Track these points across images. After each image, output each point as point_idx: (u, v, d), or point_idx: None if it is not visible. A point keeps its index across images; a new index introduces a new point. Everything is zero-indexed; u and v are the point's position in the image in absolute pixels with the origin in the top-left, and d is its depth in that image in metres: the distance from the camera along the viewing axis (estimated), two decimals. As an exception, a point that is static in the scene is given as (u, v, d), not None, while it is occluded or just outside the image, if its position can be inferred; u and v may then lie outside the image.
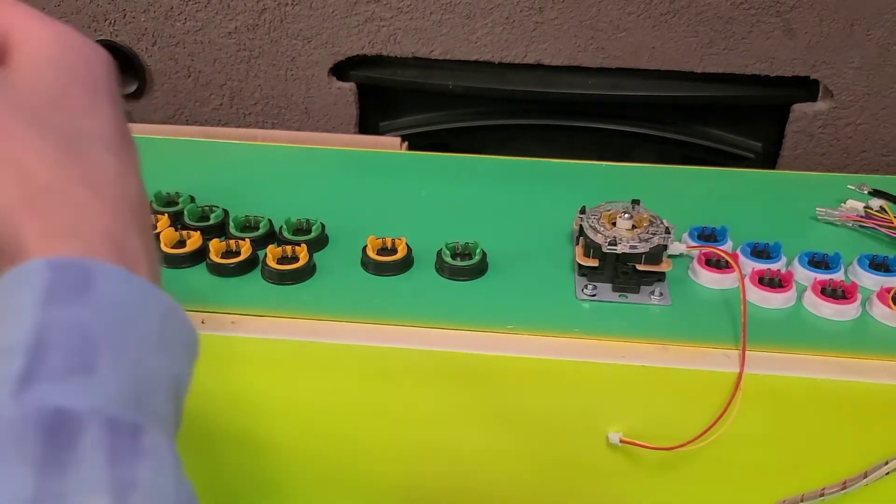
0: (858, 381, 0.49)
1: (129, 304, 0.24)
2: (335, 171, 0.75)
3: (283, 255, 0.57)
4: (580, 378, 0.51)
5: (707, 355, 0.50)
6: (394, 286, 0.57)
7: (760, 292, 0.54)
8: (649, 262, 0.54)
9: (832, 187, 0.69)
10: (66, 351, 0.22)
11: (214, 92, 1.02)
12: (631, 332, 0.52)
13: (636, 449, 0.52)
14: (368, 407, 0.54)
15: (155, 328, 0.24)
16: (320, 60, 0.97)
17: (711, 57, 0.91)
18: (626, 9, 0.89)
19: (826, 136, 0.95)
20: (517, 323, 0.53)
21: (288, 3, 0.94)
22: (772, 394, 0.50)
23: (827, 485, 0.52)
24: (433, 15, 0.92)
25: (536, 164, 0.75)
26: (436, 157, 0.78)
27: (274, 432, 0.56)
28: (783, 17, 0.88)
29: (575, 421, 0.53)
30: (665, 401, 0.51)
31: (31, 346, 0.21)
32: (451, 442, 0.55)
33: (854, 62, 0.89)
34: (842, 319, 0.53)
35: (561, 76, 0.96)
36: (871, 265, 0.57)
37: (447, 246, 0.58)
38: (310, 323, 0.53)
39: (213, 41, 0.98)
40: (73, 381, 0.21)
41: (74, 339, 0.22)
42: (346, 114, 1.01)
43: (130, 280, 0.24)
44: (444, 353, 0.51)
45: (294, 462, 0.57)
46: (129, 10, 0.97)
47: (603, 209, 0.57)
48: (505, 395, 0.52)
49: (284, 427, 0.55)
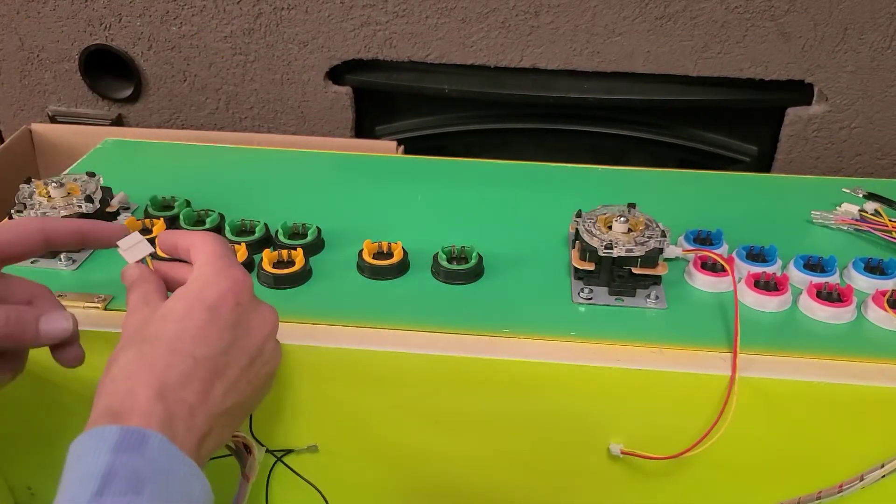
0: (854, 384, 0.49)
1: (166, 461, 0.36)
2: (331, 174, 0.75)
3: (278, 259, 0.57)
4: (576, 381, 0.51)
5: (703, 359, 0.50)
6: (390, 290, 0.57)
7: (756, 295, 0.54)
8: (645, 266, 0.54)
9: (827, 190, 0.70)
10: (125, 481, 0.34)
11: (210, 96, 1.02)
12: (627, 335, 0.52)
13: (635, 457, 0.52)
14: (364, 411, 0.54)
15: (170, 474, 0.36)
16: (316, 65, 0.97)
17: (706, 61, 0.91)
18: (622, 13, 0.90)
19: (821, 139, 0.95)
20: (513, 326, 0.53)
21: (284, 8, 0.94)
22: (768, 397, 0.50)
23: (823, 488, 0.52)
24: (429, 19, 0.92)
25: (532, 168, 0.75)
26: (432, 160, 0.78)
27: (270, 435, 0.55)
28: (777, 21, 0.88)
29: (571, 424, 0.53)
30: (662, 404, 0.51)
31: (104, 476, 0.34)
32: (449, 446, 0.55)
33: (848, 66, 0.90)
34: (837, 322, 0.53)
35: (556, 80, 0.96)
36: (866, 268, 0.57)
37: (443, 249, 0.58)
38: (306, 327, 0.53)
39: (208, 45, 0.98)
40: (127, 499, 0.33)
41: (131, 475, 0.34)
42: (342, 118, 1.01)
43: (167, 447, 0.36)
44: (440, 356, 0.51)
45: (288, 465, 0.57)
46: (124, 15, 0.97)
47: (599, 213, 0.58)
48: (501, 398, 0.52)
49: (280, 431, 0.55)
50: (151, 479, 0.34)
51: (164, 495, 0.34)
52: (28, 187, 0.60)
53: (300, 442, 0.55)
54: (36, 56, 1.03)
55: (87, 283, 0.57)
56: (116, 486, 0.33)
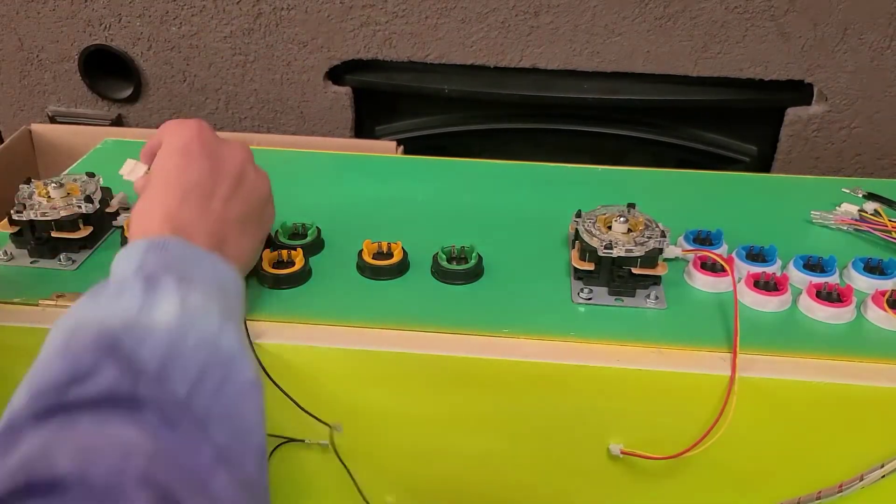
0: (854, 384, 0.49)
1: (189, 253, 0.44)
2: (331, 175, 0.75)
3: (278, 259, 0.57)
4: (576, 381, 0.51)
5: (703, 359, 0.50)
6: (390, 290, 0.57)
7: (756, 296, 0.54)
8: (645, 266, 0.54)
9: (827, 191, 0.70)
10: (155, 266, 0.42)
11: (210, 96, 1.02)
12: (627, 335, 0.52)
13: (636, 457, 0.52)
14: (364, 411, 0.54)
15: (195, 262, 0.44)
16: (316, 65, 0.97)
17: (706, 61, 0.91)
18: (621, 13, 0.90)
19: (820, 139, 0.95)
20: (513, 327, 0.53)
21: (283, 8, 0.94)
22: (768, 397, 0.50)
23: (823, 488, 0.52)
24: (429, 19, 0.92)
25: (532, 168, 0.75)
26: (431, 160, 0.78)
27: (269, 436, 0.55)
28: (777, 21, 0.88)
29: (571, 424, 0.53)
30: (661, 404, 0.51)
31: (138, 267, 0.42)
32: (448, 446, 0.55)
33: (848, 66, 0.90)
34: (837, 322, 0.53)
35: (556, 80, 0.96)
36: (865, 268, 0.57)
37: (443, 250, 0.58)
38: (306, 327, 0.53)
39: (208, 46, 0.98)
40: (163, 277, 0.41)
41: (159, 264, 0.42)
42: (342, 118, 1.01)
43: (187, 248, 0.45)
44: (440, 356, 0.51)
45: (286, 465, 0.57)
46: (124, 15, 0.97)
47: (599, 213, 0.58)
48: (501, 398, 0.52)
49: (279, 431, 0.55)
50: (177, 266, 0.42)
51: (190, 275, 0.42)
52: (28, 187, 0.60)
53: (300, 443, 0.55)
54: (35, 56, 1.03)
55: (87, 283, 0.56)
56: (147, 269, 0.42)
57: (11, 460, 0.31)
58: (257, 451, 0.38)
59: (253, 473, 0.37)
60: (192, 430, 0.35)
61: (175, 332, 0.38)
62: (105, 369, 0.35)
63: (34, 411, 0.33)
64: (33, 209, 0.58)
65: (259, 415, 0.39)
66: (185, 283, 0.40)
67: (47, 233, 0.59)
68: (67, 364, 0.35)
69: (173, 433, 0.34)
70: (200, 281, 0.42)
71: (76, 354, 0.36)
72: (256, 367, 0.41)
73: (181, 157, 0.49)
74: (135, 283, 0.40)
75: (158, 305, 0.39)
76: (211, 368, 0.38)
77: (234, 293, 0.45)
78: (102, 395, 0.34)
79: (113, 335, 0.37)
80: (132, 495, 0.30)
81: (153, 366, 0.36)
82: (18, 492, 0.29)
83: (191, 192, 0.48)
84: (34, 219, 0.58)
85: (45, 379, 0.35)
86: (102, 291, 0.40)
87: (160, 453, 0.33)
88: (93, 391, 0.34)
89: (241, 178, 0.51)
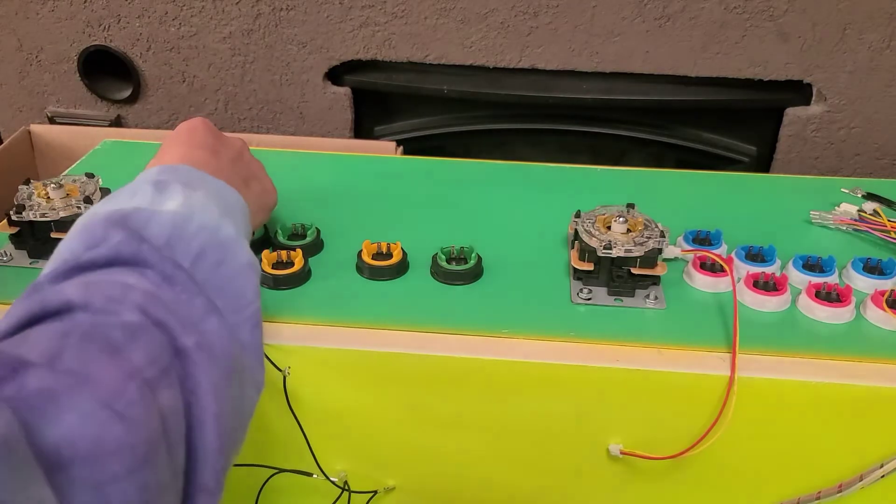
0: (853, 383, 0.49)
1: (196, 174, 0.48)
2: (330, 175, 0.75)
3: (278, 259, 0.57)
4: (575, 382, 0.51)
5: (702, 359, 0.50)
6: (389, 291, 0.57)
7: (755, 296, 0.54)
8: (644, 266, 0.55)
9: (826, 191, 0.70)
10: (165, 177, 0.46)
11: (209, 97, 1.02)
12: (626, 335, 0.52)
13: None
14: (362, 411, 0.54)
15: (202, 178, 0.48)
16: (315, 65, 0.97)
17: (705, 61, 0.91)
18: (621, 13, 0.90)
19: (820, 139, 0.95)
20: (512, 327, 0.53)
21: (283, 9, 0.94)
22: (767, 397, 0.50)
23: (823, 487, 0.52)
24: (428, 20, 0.92)
25: (531, 168, 0.75)
26: (431, 161, 0.78)
27: (269, 436, 0.55)
28: (776, 21, 0.88)
29: (571, 424, 0.53)
30: (661, 405, 0.51)
31: (154, 177, 0.46)
32: (448, 446, 0.55)
33: (847, 66, 0.90)
34: (836, 322, 0.53)
35: (555, 80, 0.96)
36: (864, 268, 0.57)
37: (442, 250, 0.58)
38: (305, 328, 0.53)
39: (207, 46, 0.98)
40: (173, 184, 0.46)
41: (169, 176, 0.47)
42: (342, 118, 1.01)
43: (196, 171, 0.49)
44: (440, 357, 0.51)
45: (288, 465, 0.57)
46: (123, 16, 0.97)
47: (598, 213, 0.58)
48: (501, 398, 0.52)
49: (279, 430, 0.55)
50: (185, 179, 0.46)
51: (195, 185, 0.46)
52: (27, 188, 0.60)
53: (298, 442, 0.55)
54: (35, 57, 1.03)
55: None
56: (158, 179, 0.46)
57: (32, 303, 0.36)
58: (251, 321, 0.44)
59: (246, 339, 0.43)
60: (191, 288, 0.40)
61: (179, 217, 0.43)
62: (114, 236, 0.41)
63: (54, 274, 0.39)
64: (32, 210, 0.58)
65: (254, 292, 0.45)
66: (190, 188, 0.46)
67: (47, 234, 0.59)
68: (82, 238, 0.42)
69: (172, 289, 0.40)
70: (204, 189, 0.47)
71: (90, 230, 0.42)
72: (251, 253, 0.46)
73: (186, 133, 0.54)
74: (146, 186, 0.45)
75: (165, 201, 0.44)
76: (210, 248, 0.43)
77: (238, 208, 0.49)
78: (111, 255, 0.40)
79: (123, 214, 0.42)
80: (127, 316, 0.36)
81: (159, 241, 0.42)
82: (34, 318, 0.36)
83: (199, 148, 0.52)
84: (33, 219, 0.58)
85: (63, 251, 0.42)
86: (117, 193, 0.45)
87: (158, 296, 0.38)
88: (103, 252, 0.40)
89: (240, 152, 0.56)
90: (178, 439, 0.36)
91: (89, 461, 0.31)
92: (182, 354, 0.37)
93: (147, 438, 0.33)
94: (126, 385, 0.33)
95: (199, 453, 0.37)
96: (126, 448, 0.32)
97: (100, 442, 0.31)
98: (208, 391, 0.37)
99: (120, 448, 0.31)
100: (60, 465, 0.30)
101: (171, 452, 0.35)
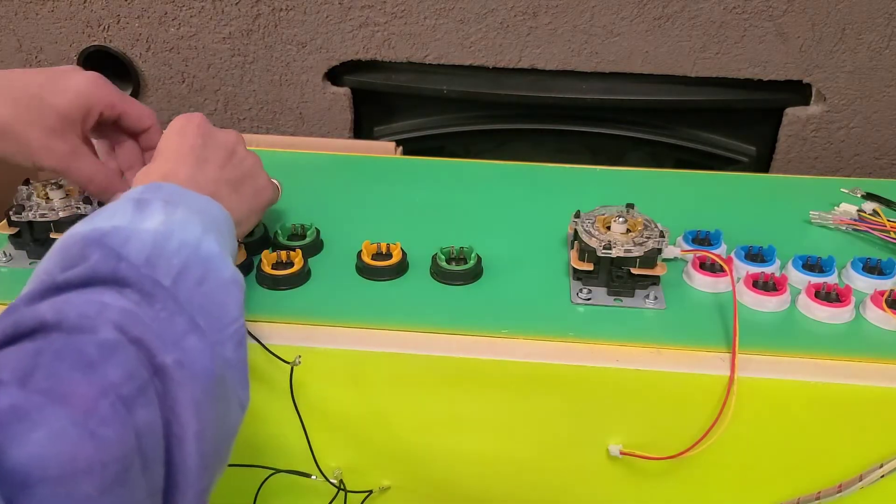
0: (853, 384, 0.49)
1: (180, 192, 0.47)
2: (330, 176, 0.75)
3: (278, 260, 0.57)
4: (575, 382, 0.51)
5: (702, 359, 0.50)
6: (389, 291, 0.57)
7: (755, 296, 0.54)
8: (644, 266, 0.55)
9: (826, 191, 0.70)
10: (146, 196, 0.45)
11: (209, 97, 1.02)
12: (626, 335, 0.52)
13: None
14: (363, 411, 0.54)
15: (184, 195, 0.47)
16: (315, 65, 0.97)
17: (705, 61, 0.91)
18: (620, 13, 0.90)
19: (819, 139, 0.95)
20: (512, 327, 0.53)
21: (282, 9, 0.94)
22: (767, 397, 0.50)
23: (823, 488, 0.52)
24: (427, 20, 0.92)
25: (531, 169, 0.75)
26: (430, 161, 0.79)
27: (269, 437, 0.55)
28: (776, 21, 0.88)
29: (571, 424, 0.53)
30: (661, 405, 0.51)
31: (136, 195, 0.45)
32: (448, 446, 0.55)
33: (846, 66, 0.90)
34: (836, 322, 0.53)
35: (555, 81, 0.96)
36: (864, 268, 0.57)
37: (442, 251, 0.58)
38: (305, 328, 0.53)
39: (207, 46, 0.98)
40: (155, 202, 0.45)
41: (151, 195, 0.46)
42: (341, 119, 1.01)
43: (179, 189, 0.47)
44: (440, 357, 0.51)
45: (286, 465, 0.57)
46: (122, 16, 0.97)
47: (597, 213, 0.58)
48: (500, 399, 0.52)
49: (280, 432, 0.55)
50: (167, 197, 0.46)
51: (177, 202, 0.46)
52: (26, 189, 0.60)
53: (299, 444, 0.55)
54: (34, 57, 1.03)
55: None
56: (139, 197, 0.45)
57: (6, 325, 0.36)
58: (234, 338, 0.44)
59: (230, 356, 0.43)
60: (171, 306, 0.40)
61: (160, 235, 0.43)
62: (91, 256, 0.40)
63: (30, 295, 0.39)
64: (32, 210, 0.58)
65: (238, 309, 0.45)
66: (172, 205, 0.45)
67: (46, 234, 0.59)
68: (59, 259, 0.41)
69: (152, 307, 0.39)
70: (186, 206, 0.46)
71: (67, 250, 0.41)
72: (235, 268, 0.46)
73: (176, 135, 0.53)
74: (127, 205, 0.45)
75: (145, 219, 0.44)
76: (192, 265, 0.43)
77: (222, 222, 0.48)
78: (88, 274, 0.39)
79: (101, 233, 0.42)
80: (103, 333, 0.36)
81: (138, 259, 0.41)
82: (8, 339, 0.36)
83: (186, 157, 0.51)
84: (33, 220, 0.58)
85: (40, 271, 0.41)
86: (97, 213, 0.45)
87: (136, 314, 0.38)
88: (80, 272, 0.39)
89: (232, 151, 0.55)
90: (155, 458, 0.35)
91: (60, 480, 0.30)
92: (161, 372, 0.37)
93: (121, 456, 0.32)
94: (98, 403, 0.33)
95: (179, 472, 0.36)
96: (97, 466, 0.31)
97: (71, 460, 0.31)
98: (188, 409, 0.37)
99: (91, 467, 0.31)
100: (28, 485, 0.29)
101: (148, 471, 0.34)
